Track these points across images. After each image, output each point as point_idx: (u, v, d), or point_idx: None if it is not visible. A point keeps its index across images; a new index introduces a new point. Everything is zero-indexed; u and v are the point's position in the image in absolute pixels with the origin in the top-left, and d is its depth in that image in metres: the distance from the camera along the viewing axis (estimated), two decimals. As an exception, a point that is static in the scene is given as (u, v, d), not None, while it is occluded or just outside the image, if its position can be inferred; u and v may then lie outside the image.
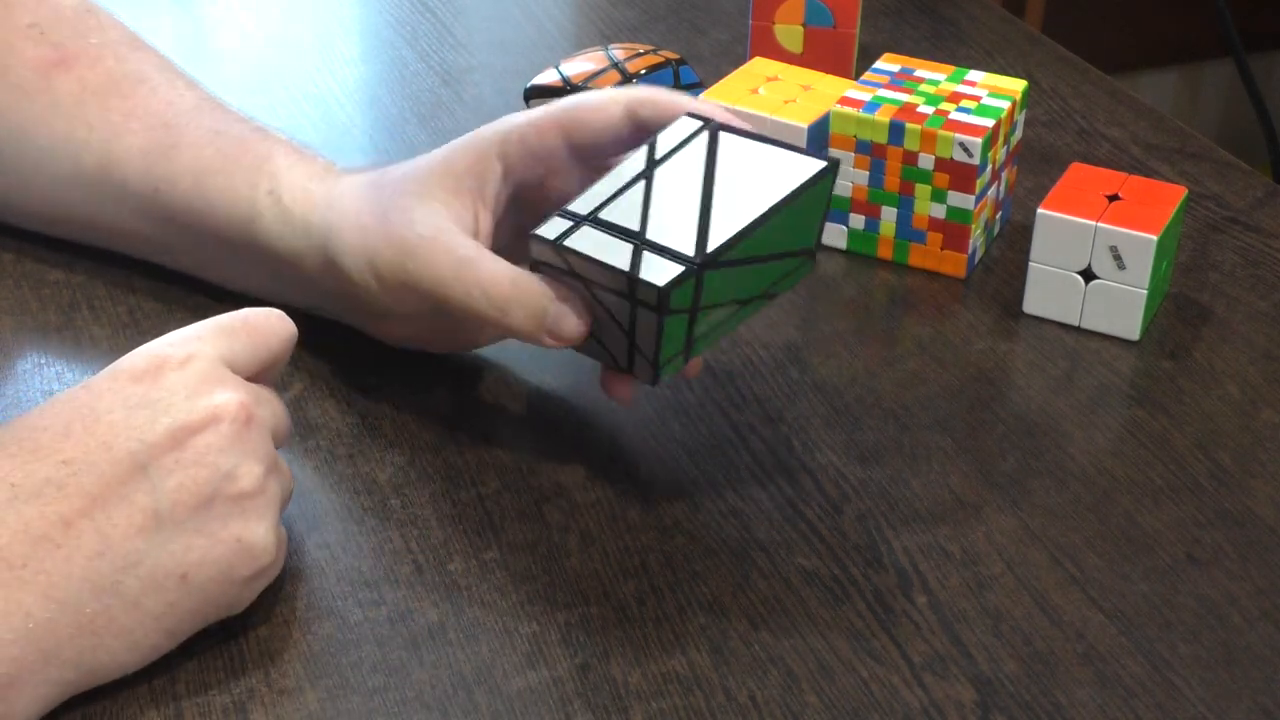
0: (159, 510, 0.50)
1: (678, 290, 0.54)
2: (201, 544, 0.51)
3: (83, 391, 0.52)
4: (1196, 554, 0.60)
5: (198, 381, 0.52)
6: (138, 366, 0.53)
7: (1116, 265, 0.70)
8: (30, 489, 0.49)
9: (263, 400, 0.54)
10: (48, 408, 0.51)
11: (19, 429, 0.51)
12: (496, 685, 0.53)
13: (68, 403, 0.51)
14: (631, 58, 0.82)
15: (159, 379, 0.52)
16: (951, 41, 1.00)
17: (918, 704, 0.53)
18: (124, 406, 0.51)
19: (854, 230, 0.77)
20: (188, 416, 0.51)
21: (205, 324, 0.55)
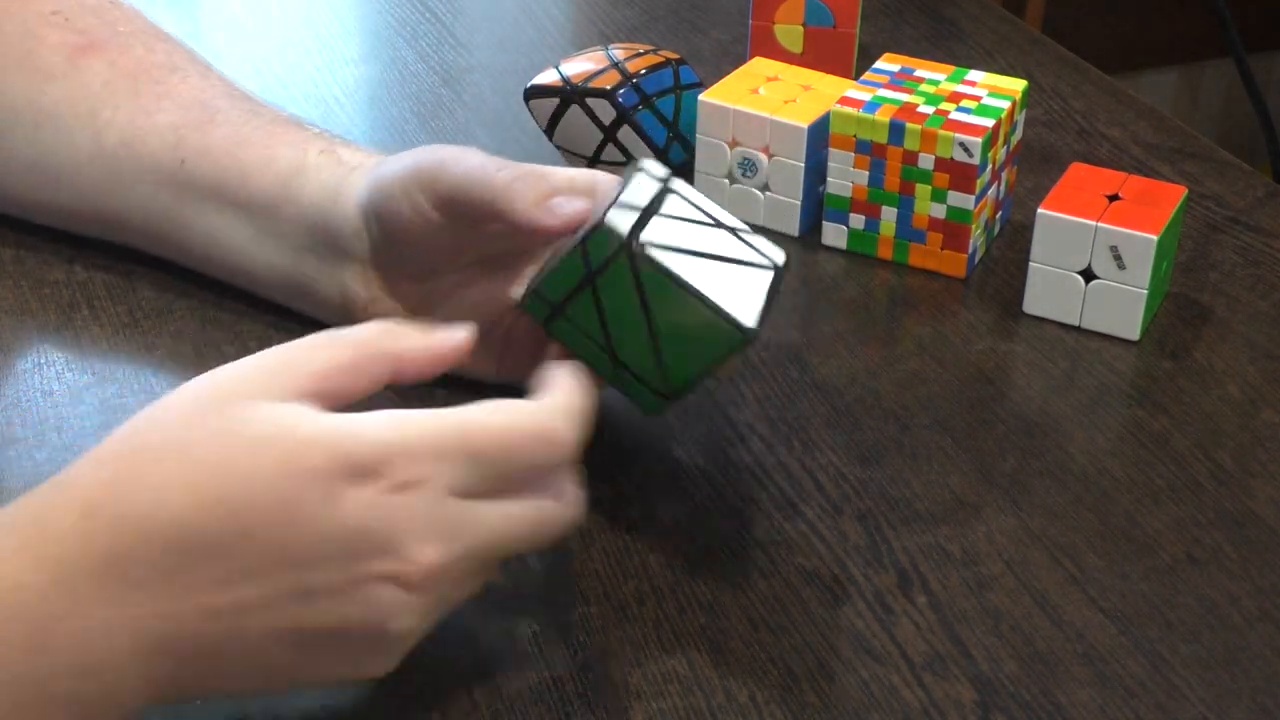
0: (300, 627, 0.46)
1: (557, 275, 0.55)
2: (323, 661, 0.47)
3: (275, 480, 0.45)
4: (1196, 554, 0.60)
5: (419, 525, 0.46)
6: (348, 462, 0.45)
7: (1116, 265, 0.70)
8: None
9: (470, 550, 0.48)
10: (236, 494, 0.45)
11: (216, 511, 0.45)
12: (496, 685, 0.53)
13: (259, 493, 0.45)
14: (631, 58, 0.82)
15: (364, 508, 0.45)
16: (951, 41, 1.00)
17: (918, 704, 0.53)
18: (315, 532, 0.45)
19: (854, 230, 0.77)
20: (380, 568, 0.46)
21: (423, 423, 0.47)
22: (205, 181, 0.67)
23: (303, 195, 0.65)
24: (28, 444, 0.62)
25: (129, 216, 0.70)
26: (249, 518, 0.44)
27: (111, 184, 0.69)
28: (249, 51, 0.96)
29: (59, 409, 0.64)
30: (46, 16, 0.72)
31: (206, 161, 0.67)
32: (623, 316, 0.55)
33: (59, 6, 0.73)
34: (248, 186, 0.66)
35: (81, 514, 0.44)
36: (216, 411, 0.46)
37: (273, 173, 0.66)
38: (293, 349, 0.49)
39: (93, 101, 0.70)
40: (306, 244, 0.66)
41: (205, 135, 0.68)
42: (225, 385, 0.47)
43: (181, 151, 0.68)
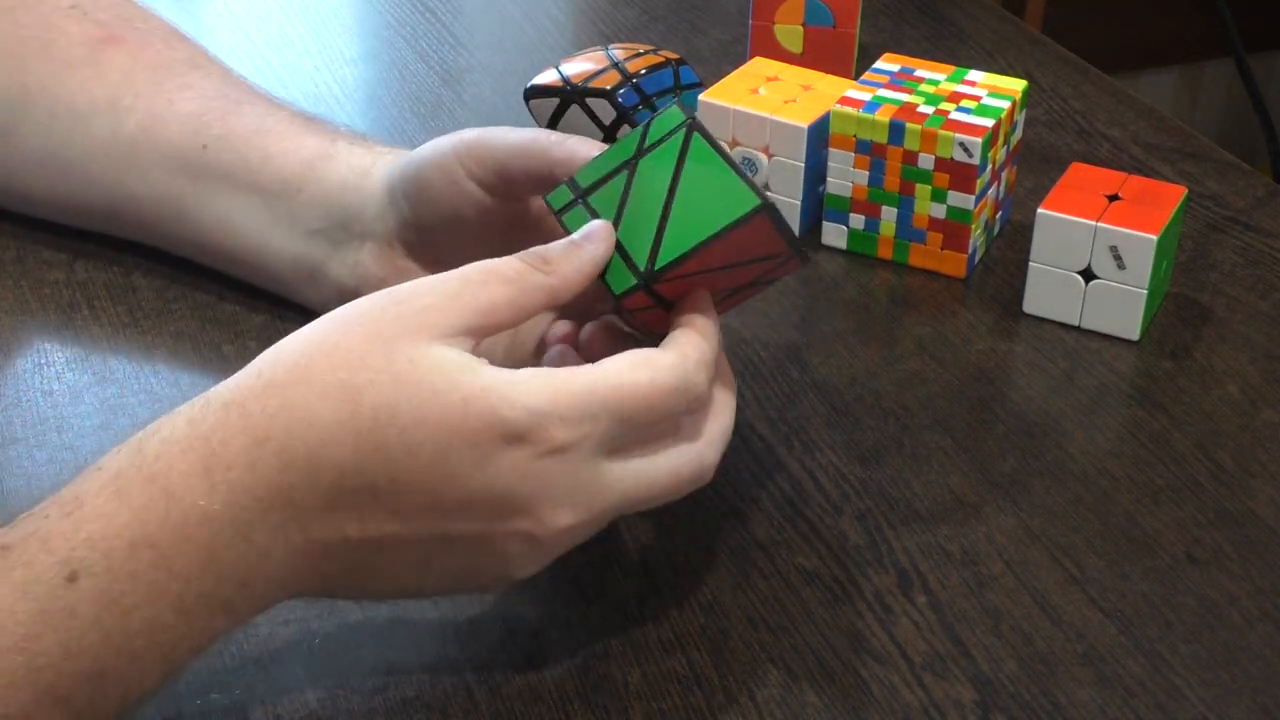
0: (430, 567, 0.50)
1: None
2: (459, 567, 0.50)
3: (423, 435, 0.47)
4: (1196, 554, 0.60)
5: (559, 490, 0.49)
6: (504, 428, 0.48)
7: (1116, 265, 0.70)
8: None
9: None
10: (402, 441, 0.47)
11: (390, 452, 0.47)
12: (496, 685, 0.53)
13: (422, 444, 0.47)
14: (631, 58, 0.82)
15: (514, 471, 0.48)
16: (951, 41, 1.00)
17: (918, 704, 0.53)
18: (464, 489, 0.48)
19: (854, 230, 0.77)
20: (517, 526, 0.49)
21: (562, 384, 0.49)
22: (225, 165, 0.68)
23: (327, 177, 0.66)
24: (28, 444, 0.62)
25: (140, 203, 0.70)
26: (405, 467, 0.47)
27: (126, 170, 0.70)
28: (249, 51, 0.96)
29: (59, 409, 0.64)
30: (64, 10, 0.73)
31: (228, 146, 0.68)
32: (644, 194, 0.55)
33: (76, 1, 0.73)
34: (269, 169, 0.67)
35: (252, 441, 0.47)
36: (384, 352, 0.48)
37: (298, 157, 0.67)
38: (456, 284, 0.50)
39: (113, 91, 0.70)
40: (322, 226, 0.66)
41: (228, 123, 0.69)
42: (394, 320, 0.49)
43: (203, 137, 0.68)
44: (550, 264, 0.52)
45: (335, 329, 0.49)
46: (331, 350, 0.48)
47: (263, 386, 0.48)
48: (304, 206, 0.66)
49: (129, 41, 0.72)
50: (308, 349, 0.49)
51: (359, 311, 0.50)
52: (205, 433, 0.47)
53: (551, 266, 0.52)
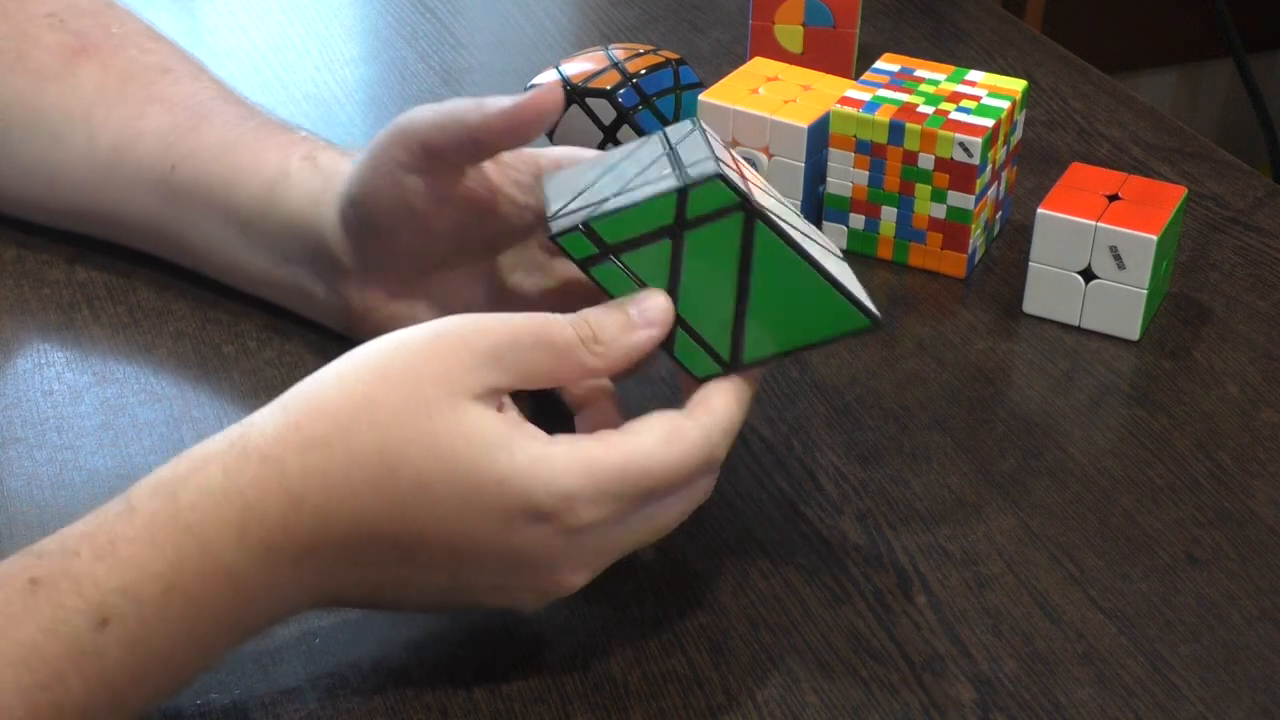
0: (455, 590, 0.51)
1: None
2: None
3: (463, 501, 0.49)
4: (1196, 554, 0.60)
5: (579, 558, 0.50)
6: (533, 509, 0.49)
7: (1116, 265, 0.70)
8: None
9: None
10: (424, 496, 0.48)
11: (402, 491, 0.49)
12: (496, 685, 0.53)
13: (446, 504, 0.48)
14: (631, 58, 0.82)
15: (539, 543, 0.49)
16: (951, 41, 1.00)
17: (918, 704, 0.53)
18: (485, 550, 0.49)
19: (854, 230, 0.77)
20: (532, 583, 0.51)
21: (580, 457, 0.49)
22: (194, 187, 0.67)
23: (287, 204, 0.65)
24: (28, 444, 0.62)
25: (124, 219, 0.70)
26: (434, 532, 0.49)
27: (105, 187, 0.70)
28: (249, 51, 0.96)
29: (59, 409, 0.64)
30: (42, 19, 0.72)
31: (195, 167, 0.67)
32: (705, 274, 0.52)
33: (54, 8, 0.73)
34: (235, 193, 0.66)
35: (289, 502, 0.47)
36: (424, 420, 0.48)
37: (260, 179, 0.66)
38: (506, 344, 0.50)
39: (86, 105, 0.70)
40: (295, 253, 0.66)
41: (194, 140, 0.68)
42: (434, 381, 0.49)
43: (171, 157, 0.68)
44: (601, 346, 0.51)
45: (377, 385, 0.49)
46: (371, 411, 0.48)
47: (301, 443, 0.48)
48: (273, 232, 0.66)
49: (103, 50, 0.71)
50: (347, 405, 0.48)
51: (401, 365, 0.49)
52: (242, 487, 0.47)
53: (601, 349, 0.51)
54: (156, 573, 0.46)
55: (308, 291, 0.67)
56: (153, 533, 0.46)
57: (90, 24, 0.73)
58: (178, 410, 0.65)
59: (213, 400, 0.65)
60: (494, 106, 0.57)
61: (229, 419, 0.64)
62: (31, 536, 0.56)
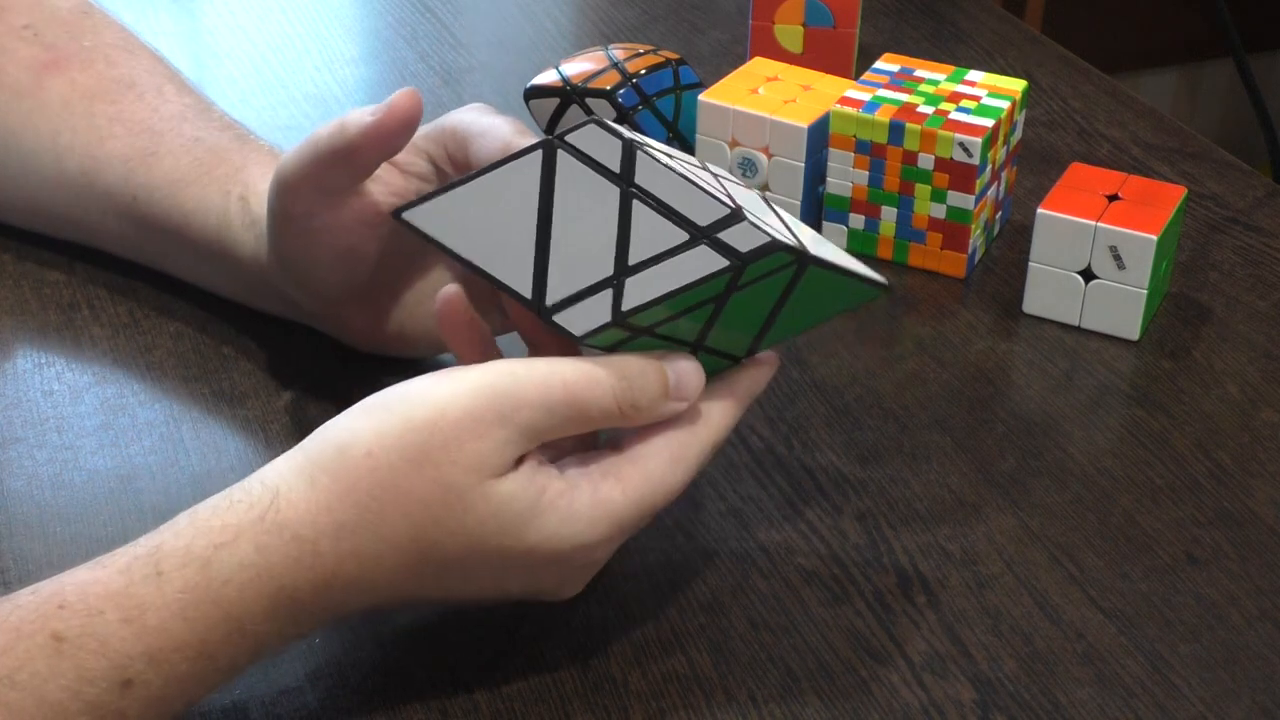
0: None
1: None
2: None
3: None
4: (1196, 554, 0.60)
5: (591, 570, 0.53)
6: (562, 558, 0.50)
7: (1116, 265, 0.70)
8: None
9: None
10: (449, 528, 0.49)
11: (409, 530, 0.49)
12: (496, 685, 0.53)
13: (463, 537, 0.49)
14: (631, 58, 0.82)
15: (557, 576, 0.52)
16: (951, 41, 1.00)
17: (918, 704, 0.53)
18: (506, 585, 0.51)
19: (854, 230, 0.77)
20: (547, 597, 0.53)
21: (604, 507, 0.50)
22: (157, 219, 0.67)
23: (235, 252, 0.65)
24: (28, 444, 0.62)
25: (101, 238, 0.71)
26: (460, 592, 0.51)
27: (81, 209, 0.70)
28: (249, 51, 0.96)
29: (59, 409, 0.64)
30: (18, 31, 0.72)
31: (154, 200, 0.67)
32: (741, 313, 0.51)
33: (31, 19, 0.72)
34: (192, 230, 0.66)
35: (320, 581, 0.48)
36: (457, 509, 0.48)
37: (209, 221, 0.66)
38: (537, 416, 0.49)
39: (54, 123, 0.70)
40: (260, 289, 0.66)
41: (150, 171, 0.67)
42: (465, 469, 0.48)
43: (131, 186, 0.68)
44: (638, 412, 0.50)
45: (407, 471, 0.48)
46: (403, 500, 0.48)
47: (335, 527, 0.48)
48: (234, 270, 0.66)
49: (72, 65, 0.71)
50: (378, 492, 0.48)
51: (431, 450, 0.48)
52: (274, 565, 0.47)
53: (637, 415, 0.50)
54: (184, 642, 0.46)
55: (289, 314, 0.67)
56: (183, 605, 0.46)
57: (64, 36, 0.72)
58: (178, 410, 0.65)
59: (213, 400, 0.65)
60: (355, 127, 0.56)
61: (229, 419, 0.64)
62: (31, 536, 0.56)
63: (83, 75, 0.71)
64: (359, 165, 0.58)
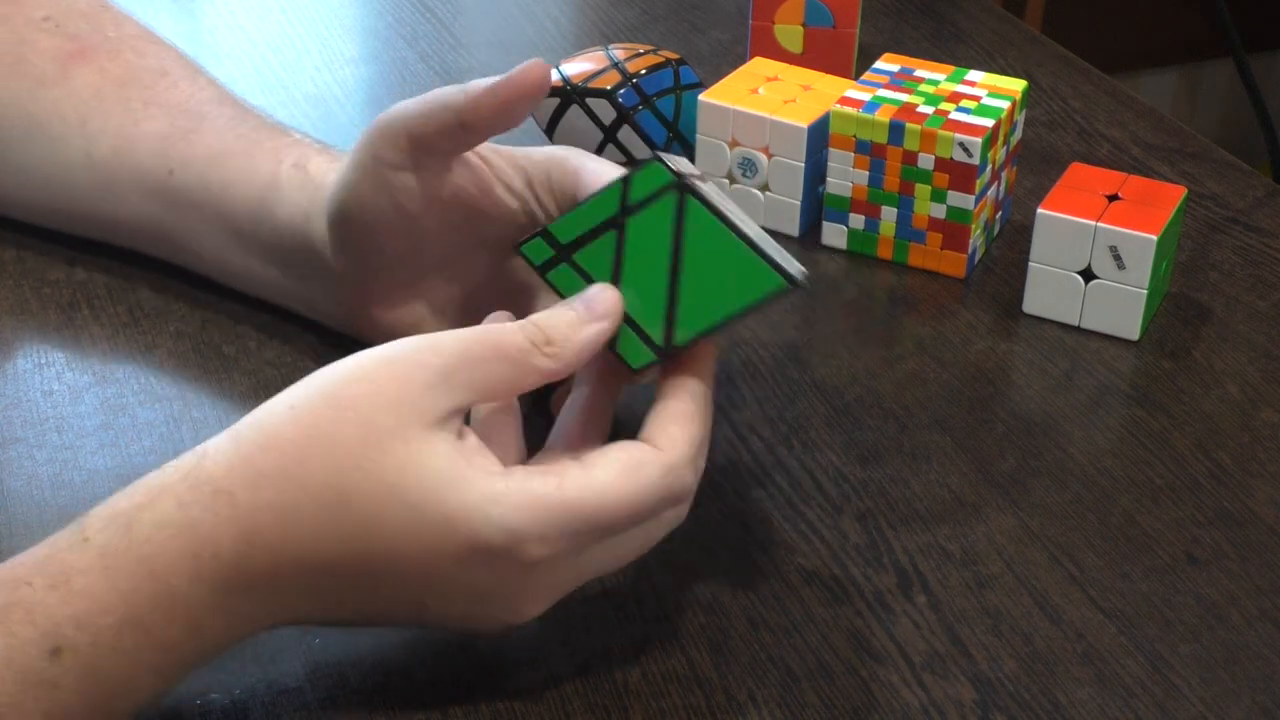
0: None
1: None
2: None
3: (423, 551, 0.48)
4: (1196, 554, 0.60)
5: (536, 591, 0.50)
6: (484, 546, 0.48)
7: (1116, 265, 0.70)
8: None
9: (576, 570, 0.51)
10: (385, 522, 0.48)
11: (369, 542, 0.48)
12: (496, 685, 0.53)
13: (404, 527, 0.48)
14: (631, 58, 0.82)
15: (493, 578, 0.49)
16: (951, 41, 1.00)
17: (918, 704, 0.53)
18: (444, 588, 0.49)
19: (854, 230, 0.77)
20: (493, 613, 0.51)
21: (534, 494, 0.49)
22: (192, 193, 0.67)
23: (279, 213, 0.65)
24: (28, 444, 0.62)
25: (123, 223, 0.70)
26: (387, 571, 0.49)
27: (103, 192, 0.70)
28: (249, 51, 0.96)
29: (59, 409, 0.64)
30: (38, 22, 0.72)
31: (192, 173, 0.67)
32: (643, 260, 0.53)
33: (50, 12, 0.73)
34: (231, 199, 0.66)
35: (241, 537, 0.47)
36: (376, 453, 0.48)
37: (252, 189, 0.66)
38: (456, 359, 0.49)
39: (83, 110, 0.70)
40: (290, 261, 0.66)
41: (190, 146, 0.68)
42: (388, 409, 0.48)
43: (168, 161, 0.68)
44: (554, 346, 0.51)
45: (330, 416, 0.48)
46: (324, 445, 0.48)
47: (254, 476, 0.48)
48: (268, 240, 0.66)
49: (99, 54, 0.71)
50: (299, 438, 0.48)
51: (354, 396, 0.48)
52: (194, 519, 0.47)
53: (555, 349, 0.51)
54: (110, 604, 0.46)
55: (305, 297, 0.67)
56: (106, 564, 0.46)
57: (86, 27, 0.73)
58: (178, 410, 0.65)
59: (213, 400, 0.65)
60: (479, 87, 0.57)
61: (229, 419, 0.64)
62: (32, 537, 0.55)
63: (111, 64, 0.71)
64: (472, 129, 0.58)
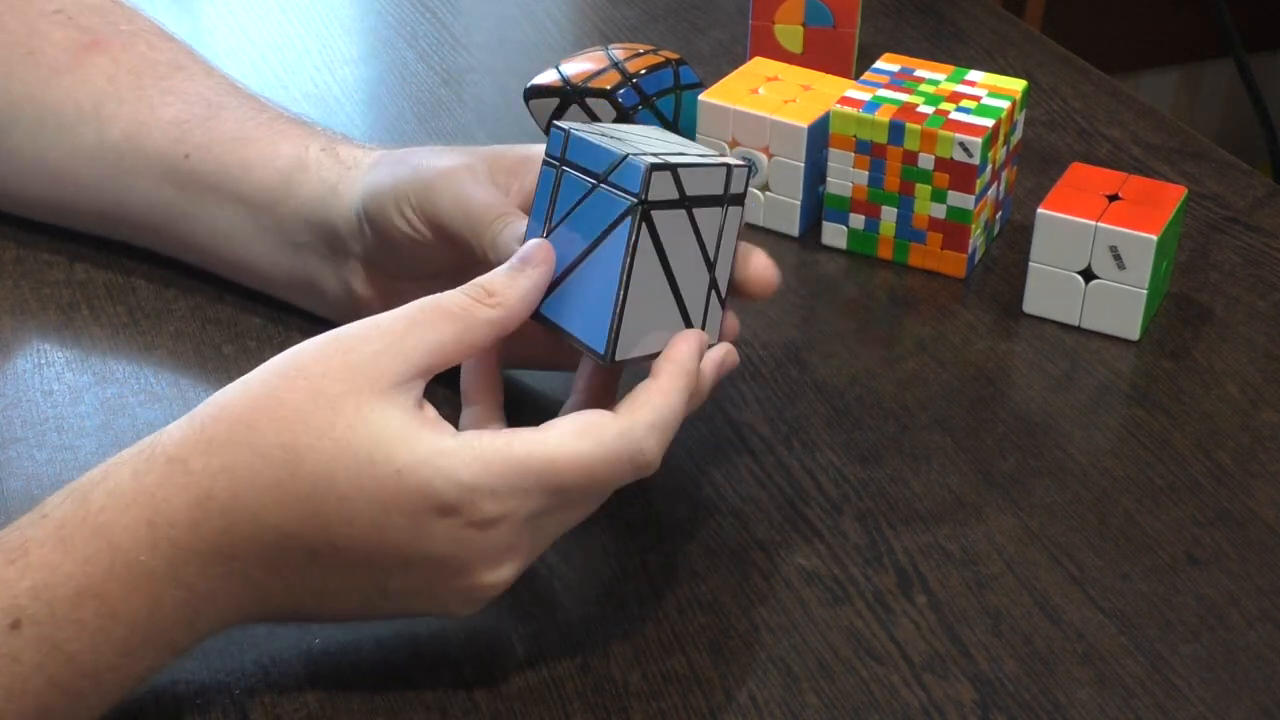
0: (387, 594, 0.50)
1: None
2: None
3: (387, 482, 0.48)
4: (1196, 554, 0.60)
5: (494, 554, 0.49)
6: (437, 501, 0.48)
7: (1116, 265, 0.70)
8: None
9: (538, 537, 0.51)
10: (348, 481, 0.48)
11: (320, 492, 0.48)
12: (496, 685, 0.53)
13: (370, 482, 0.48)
14: (631, 58, 0.82)
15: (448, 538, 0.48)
16: (951, 41, 1.00)
17: (918, 704, 0.53)
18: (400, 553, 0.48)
19: (854, 230, 0.77)
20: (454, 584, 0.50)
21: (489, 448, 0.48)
22: (208, 175, 0.67)
23: (302, 191, 0.65)
24: (28, 444, 0.62)
25: (132, 210, 0.70)
26: (343, 534, 0.48)
27: (114, 178, 0.70)
28: (249, 51, 0.96)
29: (59, 409, 0.64)
30: (49, 14, 0.72)
31: (210, 156, 0.67)
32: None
33: (61, 5, 0.73)
34: (249, 181, 0.66)
35: (194, 501, 0.47)
36: (327, 413, 0.48)
37: (274, 168, 0.66)
38: (402, 326, 0.50)
39: (97, 97, 0.70)
40: (307, 240, 0.66)
41: (209, 130, 0.68)
42: (339, 375, 0.49)
43: (185, 146, 0.68)
44: (495, 295, 0.52)
45: (280, 384, 0.49)
46: (275, 409, 0.48)
47: (206, 443, 0.48)
48: (287, 220, 0.66)
49: (113, 45, 0.72)
50: (252, 406, 0.49)
51: (304, 364, 0.49)
52: (149, 487, 0.47)
53: (497, 299, 0.52)
54: (67, 573, 0.46)
55: (314, 280, 0.67)
56: (63, 535, 0.46)
57: (98, 20, 0.73)
58: (178, 410, 0.65)
59: (213, 400, 0.65)
60: (501, 252, 0.56)
61: (229, 419, 0.64)
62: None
63: (125, 55, 0.71)
64: (480, 262, 0.57)
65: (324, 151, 0.66)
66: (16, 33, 0.72)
